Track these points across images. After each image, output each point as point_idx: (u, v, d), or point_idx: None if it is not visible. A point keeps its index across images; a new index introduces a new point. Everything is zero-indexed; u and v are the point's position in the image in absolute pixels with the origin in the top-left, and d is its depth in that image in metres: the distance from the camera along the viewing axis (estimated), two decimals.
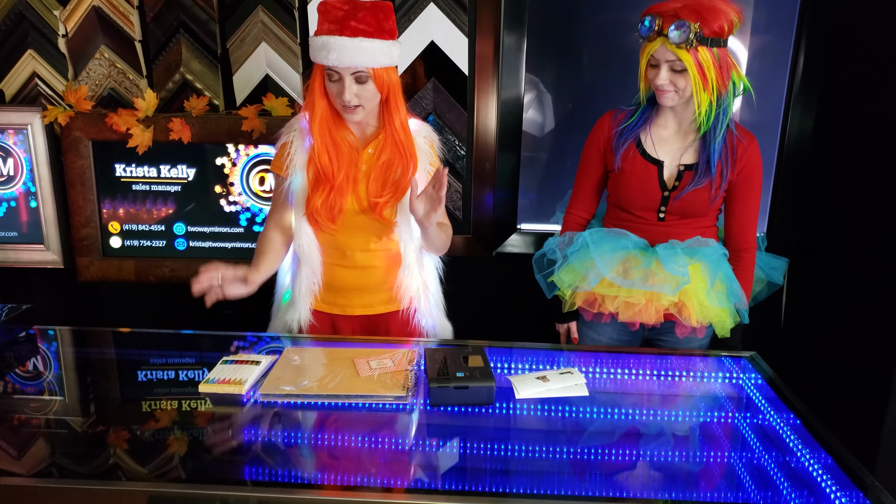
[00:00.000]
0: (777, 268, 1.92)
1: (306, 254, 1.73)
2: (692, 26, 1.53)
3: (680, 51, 1.55)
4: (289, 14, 2.27)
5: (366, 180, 1.69)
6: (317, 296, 1.78)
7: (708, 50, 1.56)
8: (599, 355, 1.70)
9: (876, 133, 2.01)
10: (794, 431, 1.36)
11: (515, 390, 1.47)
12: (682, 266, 1.68)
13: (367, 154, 1.69)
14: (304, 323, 1.78)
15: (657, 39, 1.58)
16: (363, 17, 1.55)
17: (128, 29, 2.29)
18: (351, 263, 1.75)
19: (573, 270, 1.79)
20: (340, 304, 1.79)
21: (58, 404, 1.48)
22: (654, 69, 1.62)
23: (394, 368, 1.52)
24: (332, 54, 1.54)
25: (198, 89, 2.30)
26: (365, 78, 1.58)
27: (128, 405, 1.48)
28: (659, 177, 1.73)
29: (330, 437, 1.34)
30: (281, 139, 1.72)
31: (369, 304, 1.79)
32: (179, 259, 2.33)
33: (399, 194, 1.69)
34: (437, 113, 2.34)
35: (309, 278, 1.76)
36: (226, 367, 1.52)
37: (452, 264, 1.93)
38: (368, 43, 1.55)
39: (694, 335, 1.78)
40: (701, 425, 1.42)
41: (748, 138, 1.71)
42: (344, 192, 1.67)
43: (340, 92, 1.58)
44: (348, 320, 1.81)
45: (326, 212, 1.67)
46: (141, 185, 2.30)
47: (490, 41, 2.27)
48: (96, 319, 2.54)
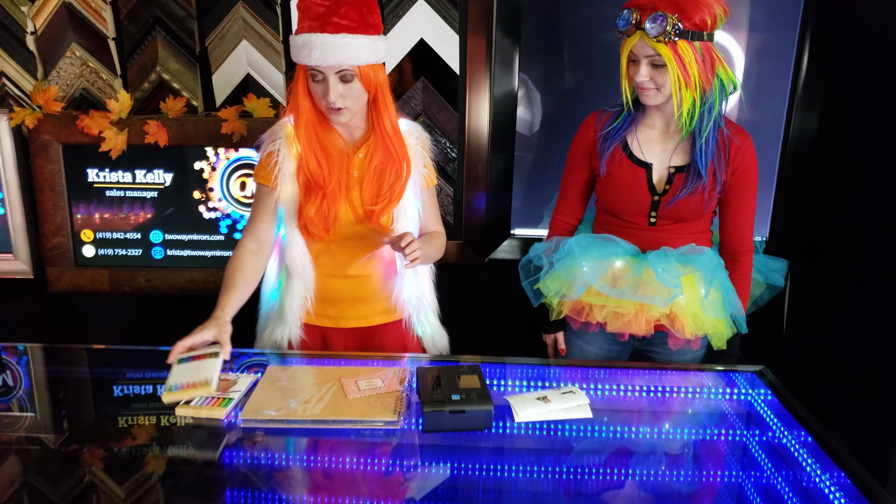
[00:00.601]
0: (777, 269, 1.85)
1: (299, 268, 1.63)
2: (670, 18, 1.45)
3: (658, 44, 1.47)
4: (271, 10, 2.16)
5: (359, 186, 1.60)
6: (309, 311, 1.68)
7: (689, 43, 1.48)
8: (600, 371, 1.62)
9: (881, 132, 1.95)
10: (806, 449, 1.30)
11: (515, 413, 1.38)
12: (674, 276, 1.60)
13: (358, 159, 1.60)
14: (294, 339, 1.69)
15: (635, 34, 1.51)
16: (346, 13, 1.46)
17: (100, 26, 2.17)
18: (345, 273, 1.66)
19: (559, 278, 1.71)
20: (333, 317, 1.70)
21: (28, 423, 1.38)
22: (635, 66, 1.54)
23: (384, 389, 1.43)
24: (315, 53, 1.45)
25: (175, 89, 2.19)
26: (350, 76, 1.48)
27: (100, 430, 1.38)
28: (648, 180, 1.65)
29: (315, 466, 1.25)
30: (265, 147, 1.61)
31: (364, 315, 1.70)
32: (156, 269, 2.23)
33: (395, 200, 1.60)
34: (427, 114, 2.24)
35: (301, 294, 1.66)
36: (184, 366, 1.39)
37: (444, 271, 1.84)
38: (353, 39, 1.46)
39: (688, 347, 1.71)
40: (711, 445, 1.36)
41: (741, 136, 1.62)
42: (337, 198, 1.57)
43: (325, 93, 1.49)
44: (341, 333, 1.72)
45: (321, 221, 1.57)
46: (115, 191, 2.19)
47: (482, 38, 2.17)
48: (68, 333, 2.43)
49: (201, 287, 2.21)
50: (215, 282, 2.20)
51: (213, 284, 2.20)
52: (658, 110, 1.63)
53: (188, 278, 2.21)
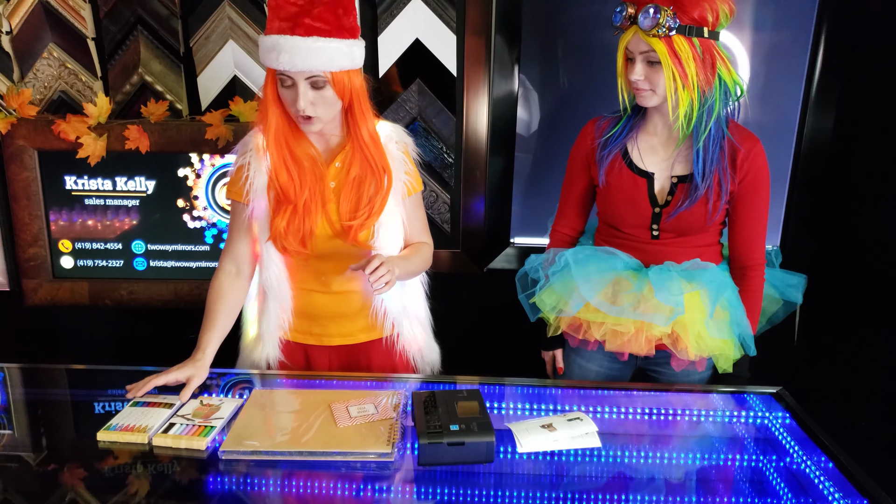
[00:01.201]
0: (794, 285, 1.74)
1: (275, 287, 1.54)
2: (664, 10, 1.35)
3: (652, 39, 1.38)
4: (258, 9, 2.06)
5: (336, 198, 1.50)
6: (287, 331, 1.59)
7: (686, 39, 1.38)
8: (605, 393, 1.52)
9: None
10: (827, 476, 1.23)
11: (518, 442, 1.28)
12: (676, 294, 1.50)
13: (335, 168, 1.50)
14: (272, 360, 1.60)
15: (630, 29, 1.42)
16: (319, 14, 1.35)
17: (79, 25, 2.07)
18: (326, 289, 1.56)
19: (555, 293, 1.62)
20: (316, 334, 1.60)
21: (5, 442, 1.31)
22: (631, 64, 1.45)
23: (377, 417, 1.33)
24: (283, 56, 1.34)
25: (158, 92, 2.09)
26: (322, 83, 1.38)
27: (76, 460, 1.27)
28: (649, 191, 1.55)
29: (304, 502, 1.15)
30: (237, 160, 1.51)
31: (348, 332, 1.61)
32: (139, 280, 2.12)
33: (374, 214, 1.50)
34: (423, 118, 2.14)
35: (278, 314, 1.57)
36: (134, 410, 1.34)
37: (440, 281, 1.75)
38: (325, 43, 1.35)
39: (693, 367, 1.61)
40: (729, 473, 1.28)
41: (749, 142, 1.52)
42: (311, 212, 1.47)
43: (294, 100, 1.38)
44: (325, 351, 1.62)
45: (294, 235, 1.47)
46: (94, 200, 2.08)
47: (481, 38, 2.08)
48: (47, 348, 2.34)
49: (186, 299, 2.11)
50: (200, 294, 2.09)
51: (198, 297, 2.10)
52: (659, 115, 1.53)
53: (172, 290, 2.11)
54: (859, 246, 2.04)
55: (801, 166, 2.18)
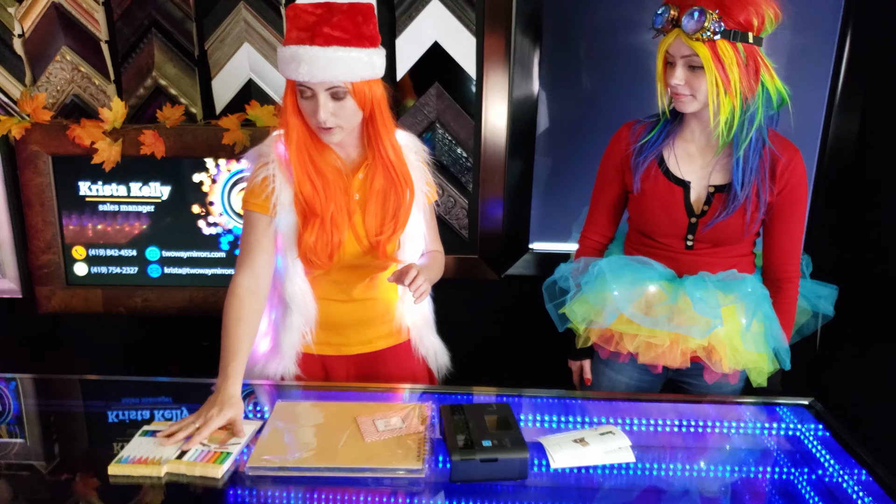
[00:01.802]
0: (825, 296, 1.70)
1: (299, 301, 1.50)
2: (710, 14, 1.31)
3: (696, 43, 1.34)
4: (274, 11, 2.03)
5: (361, 211, 1.47)
6: (307, 343, 1.55)
7: (730, 44, 1.34)
8: (637, 406, 1.49)
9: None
10: (864, 489, 1.21)
11: (550, 458, 1.26)
12: (714, 306, 1.46)
13: (358, 180, 1.47)
14: (288, 374, 1.56)
15: (672, 32, 1.37)
16: (338, 22, 1.31)
17: (92, 28, 2.04)
18: (347, 297, 1.54)
19: (587, 303, 1.57)
20: (335, 344, 1.57)
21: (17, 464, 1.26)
22: (671, 68, 1.41)
23: (405, 430, 1.30)
24: (303, 67, 1.31)
25: (172, 96, 2.06)
26: (342, 94, 1.35)
27: (90, 476, 1.24)
28: (685, 200, 1.51)
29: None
30: (257, 171, 1.44)
31: (368, 339, 1.59)
32: (153, 287, 2.09)
33: (400, 228, 1.48)
34: (442, 121, 2.11)
35: (300, 329, 1.52)
36: (146, 440, 1.26)
37: (458, 287, 1.73)
38: (345, 52, 1.31)
39: (726, 380, 1.57)
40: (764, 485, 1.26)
41: (790, 152, 1.48)
42: (339, 225, 1.44)
43: (314, 111, 1.35)
44: (343, 361, 1.60)
45: (323, 249, 1.44)
46: (109, 206, 2.05)
47: (500, 40, 2.04)
48: (59, 356, 2.30)
49: (201, 307, 2.07)
50: (216, 301, 2.06)
51: (213, 304, 2.07)
52: (697, 121, 1.50)
53: (187, 297, 2.07)
54: (884, 253, 2.01)
55: (825, 171, 2.14)
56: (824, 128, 2.12)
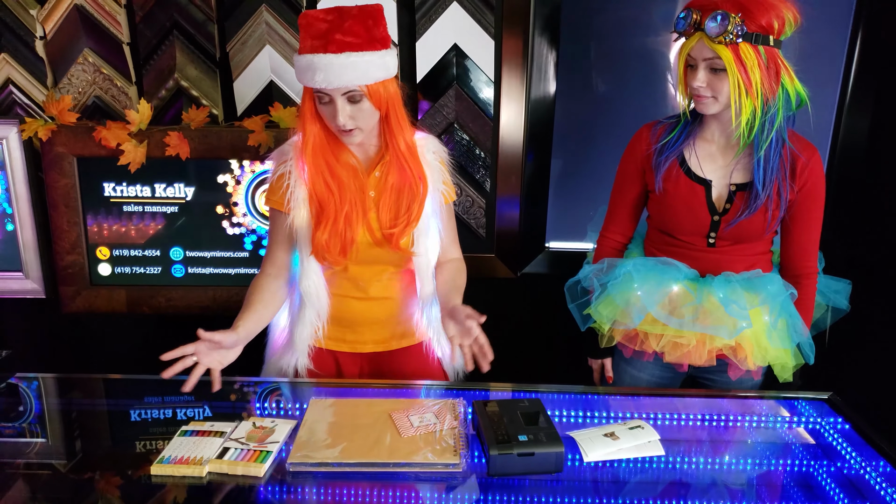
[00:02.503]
0: (839, 291, 1.74)
1: (313, 296, 1.54)
2: (733, 18, 1.34)
3: (718, 46, 1.37)
4: (296, 14, 2.05)
5: (376, 208, 1.50)
6: (320, 338, 1.59)
7: (752, 47, 1.37)
8: (659, 401, 1.53)
9: None
10: (888, 481, 1.24)
11: (583, 452, 1.29)
12: (742, 307, 1.50)
13: (375, 178, 1.51)
14: (301, 367, 1.60)
15: (695, 35, 1.40)
16: (350, 28, 1.35)
17: (114, 30, 2.06)
18: (364, 295, 1.57)
19: (613, 303, 1.60)
20: (350, 341, 1.61)
21: (40, 465, 1.28)
22: (692, 70, 1.44)
23: (439, 427, 1.33)
24: (319, 75, 1.35)
25: (194, 97, 2.08)
26: (359, 97, 1.38)
27: (116, 477, 1.26)
28: (707, 199, 1.54)
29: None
30: (276, 169, 1.52)
31: (383, 339, 1.62)
32: (177, 287, 2.11)
33: (413, 221, 1.51)
34: (460, 123, 2.13)
35: (313, 323, 1.57)
36: (186, 440, 1.30)
37: (474, 285, 1.74)
38: (358, 57, 1.35)
39: (749, 376, 1.61)
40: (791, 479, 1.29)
41: (808, 151, 1.52)
42: (353, 223, 1.48)
43: (333, 115, 1.39)
44: (356, 358, 1.63)
45: (336, 246, 1.48)
46: (133, 206, 2.07)
47: (518, 42, 2.07)
48: (83, 356, 2.32)
49: (224, 306, 2.10)
50: (240, 301, 2.07)
51: (237, 304, 2.05)
52: (717, 122, 1.53)
53: (211, 297, 2.10)
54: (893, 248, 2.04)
55: (836, 169, 2.18)
56: (835, 127, 2.16)
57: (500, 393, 1.53)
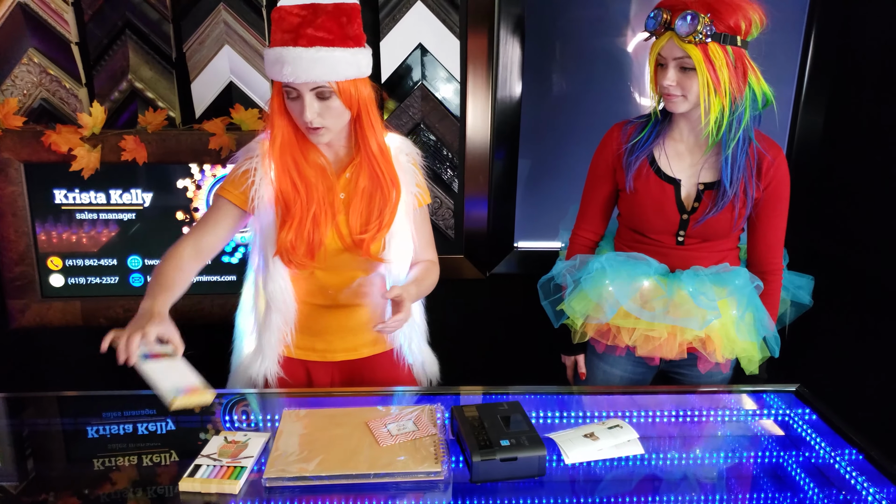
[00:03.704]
0: (803, 286, 1.79)
1: (279, 300, 1.49)
2: (702, 18, 1.37)
3: (688, 45, 1.39)
4: (256, 13, 1.99)
5: (345, 210, 1.46)
6: (289, 345, 1.54)
7: (720, 47, 1.40)
8: (636, 398, 1.54)
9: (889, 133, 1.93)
10: (857, 469, 1.27)
11: (564, 454, 1.28)
12: (711, 299, 1.53)
13: (345, 179, 1.47)
14: (271, 376, 1.54)
15: (665, 35, 1.43)
16: (322, 23, 1.32)
17: (61, 29, 1.96)
18: (332, 302, 1.52)
19: (586, 298, 1.61)
20: (320, 350, 1.56)
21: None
22: (662, 70, 1.46)
23: (419, 434, 1.31)
24: (287, 68, 1.31)
25: (150, 99, 2.00)
26: (328, 94, 1.35)
27: (73, 498, 1.19)
28: (676, 197, 1.57)
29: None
30: (241, 164, 1.46)
31: (353, 347, 1.58)
32: (136, 297, 1.98)
33: (385, 227, 1.47)
34: (426, 123, 2.11)
35: (280, 328, 1.52)
36: (157, 366, 1.22)
37: (443, 287, 1.72)
38: (328, 53, 1.32)
39: (718, 369, 1.65)
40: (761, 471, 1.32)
41: (774, 150, 1.56)
42: (321, 224, 1.44)
43: (301, 112, 1.35)
44: (327, 367, 1.59)
45: (302, 247, 1.43)
46: (87, 214, 1.98)
47: (483, 41, 2.06)
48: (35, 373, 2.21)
49: (186, 316, 2.01)
50: (202, 309, 2.02)
51: (199, 313, 2.03)
52: (686, 121, 1.55)
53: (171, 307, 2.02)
54: (851, 244, 2.11)
55: (793, 166, 2.22)
56: (792, 124, 2.22)
57: (475, 396, 1.51)
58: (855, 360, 2.08)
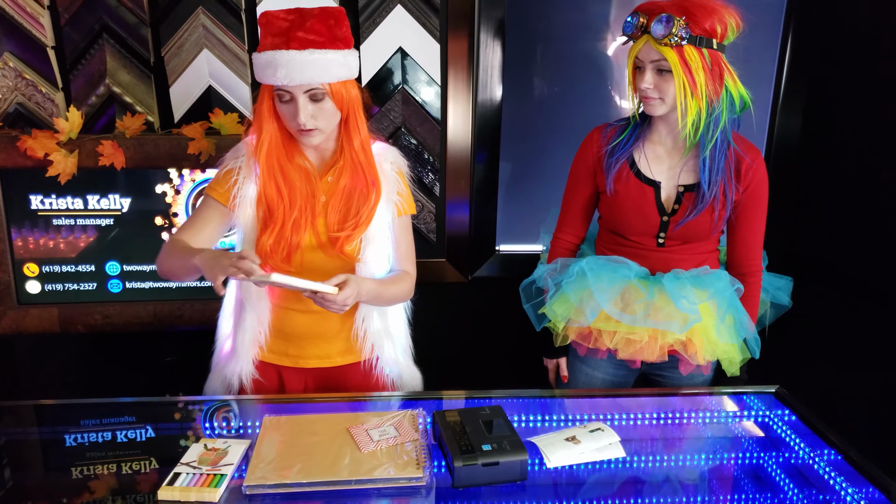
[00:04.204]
0: (782, 288, 1.81)
1: (253, 299, 1.48)
2: (677, 20, 1.39)
3: (664, 48, 1.41)
4: (235, 17, 1.98)
5: (324, 213, 1.46)
6: (262, 347, 1.53)
7: (696, 49, 1.42)
8: (617, 401, 1.55)
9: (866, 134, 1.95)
10: (836, 469, 1.29)
11: (546, 458, 1.28)
12: (692, 302, 1.54)
13: (327, 182, 1.47)
14: (245, 378, 1.53)
15: (642, 38, 1.45)
16: (312, 26, 1.33)
17: (37, 33, 1.94)
18: (306, 307, 1.50)
19: (567, 301, 1.62)
20: (292, 355, 1.55)
21: None
22: (640, 73, 1.47)
23: (401, 439, 1.30)
24: (280, 71, 1.32)
25: (128, 104, 1.98)
26: (321, 95, 1.36)
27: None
28: (656, 199, 1.58)
29: None
30: (226, 164, 1.47)
31: (326, 354, 1.56)
32: (114, 303, 2.00)
33: (362, 226, 1.46)
34: (407, 127, 2.11)
35: (254, 327, 1.51)
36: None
37: (426, 291, 1.72)
38: (321, 54, 1.33)
39: (699, 371, 1.66)
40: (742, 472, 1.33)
41: (752, 153, 1.57)
42: (300, 228, 1.44)
43: (294, 114, 1.36)
44: (300, 373, 1.57)
45: (281, 252, 1.43)
46: (64, 220, 1.95)
47: (464, 45, 2.06)
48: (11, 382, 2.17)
49: (166, 321, 2.01)
50: (182, 315, 2.00)
51: (179, 318, 2.00)
52: (665, 123, 1.56)
53: (151, 312, 2.00)
54: (829, 245, 2.13)
55: (771, 168, 2.25)
56: (770, 126, 2.24)
57: (457, 401, 1.51)
58: (834, 359, 2.11)
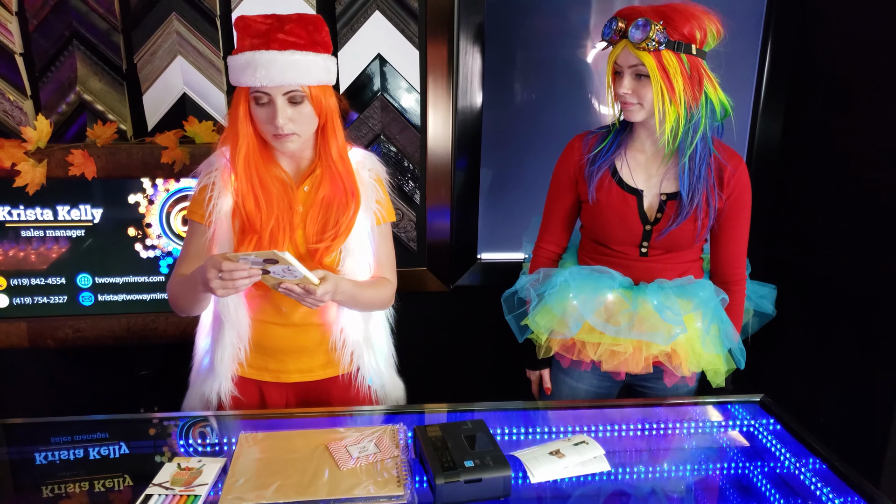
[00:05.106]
0: (765, 296, 1.79)
1: (232, 315, 1.44)
2: (654, 25, 1.38)
3: (642, 52, 1.40)
4: (209, 23, 1.94)
5: (303, 224, 1.42)
6: (242, 363, 1.49)
7: (675, 55, 1.40)
8: (601, 412, 1.53)
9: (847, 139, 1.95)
10: (821, 478, 1.28)
11: (529, 472, 1.26)
12: (677, 313, 1.52)
13: (304, 192, 1.43)
14: (225, 395, 1.49)
15: (620, 43, 1.44)
16: (291, 30, 1.31)
17: (5, 39, 1.89)
18: (286, 321, 1.47)
19: (550, 313, 1.59)
20: (273, 370, 1.51)
21: None
22: (619, 78, 1.46)
23: (381, 456, 1.27)
24: (260, 72, 1.28)
25: (99, 112, 1.93)
26: (300, 98, 1.32)
27: None
28: (639, 208, 1.56)
29: None
30: (201, 180, 1.42)
31: (307, 368, 1.52)
32: (85, 317, 1.94)
33: (341, 236, 1.43)
34: (387, 135, 2.08)
35: (234, 344, 1.47)
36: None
37: (407, 300, 1.69)
38: (302, 56, 1.31)
39: (684, 382, 1.64)
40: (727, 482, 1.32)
41: (735, 160, 1.56)
42: (278, 241, 1.40)
43: (271, 117, 1.32)
44: (281, 388, 1.53)
45: None
46: (32, 231, 1.89)
47: (443, 51, 2.04)
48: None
49: (140, 334, 1.95)
50: (156, 328, 1.95)
51: (153, 331, 1.95)
52: (646, 131, 1.55)
53: (125, 326, 1.95)
54: (812, 251, 2.13)
55: (752, 174, 2.24)
56: (750, 133, 2.25)
57: (439, 414, 1.48)
58: (818, 367, 2.11)
